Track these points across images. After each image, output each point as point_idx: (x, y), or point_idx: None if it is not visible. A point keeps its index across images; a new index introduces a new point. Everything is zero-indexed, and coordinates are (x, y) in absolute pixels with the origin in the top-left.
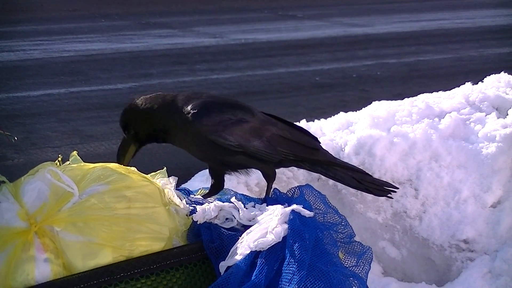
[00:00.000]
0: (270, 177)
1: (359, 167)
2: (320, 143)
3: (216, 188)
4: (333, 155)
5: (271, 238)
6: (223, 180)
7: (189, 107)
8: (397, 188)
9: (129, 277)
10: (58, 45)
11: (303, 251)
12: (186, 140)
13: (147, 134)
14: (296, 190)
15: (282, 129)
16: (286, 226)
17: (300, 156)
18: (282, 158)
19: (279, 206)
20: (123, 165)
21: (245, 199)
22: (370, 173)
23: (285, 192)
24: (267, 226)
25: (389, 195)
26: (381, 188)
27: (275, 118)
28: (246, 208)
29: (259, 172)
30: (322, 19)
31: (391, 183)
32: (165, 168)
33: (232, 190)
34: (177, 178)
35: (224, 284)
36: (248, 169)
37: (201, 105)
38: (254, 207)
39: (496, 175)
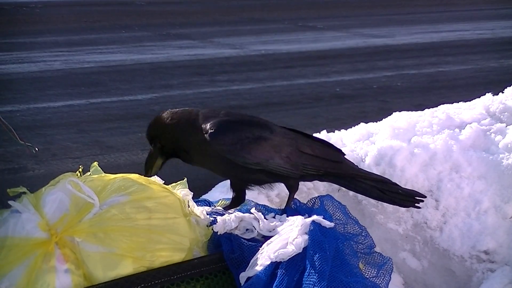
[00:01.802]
0: (292, 188)
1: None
2: (344, 154)
3: (237, 201)
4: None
5: (292, 249)
6: (244, 194)
7: (207, 126)
8: (425, 197)
9: (149, 287)
10: (78, 56)
11: (324, 262)
12: (204, 159)
13: (172, 149)
14: (316, 200)
15: (302, 144)
16: (306, 237)
17: (322, 171)
18: (303, 173)
19: (299, 217)
20: (149, 177)
21: (265, 210)
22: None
23: (305, 203)
24: (288, 237)
25: (416, 204)
26: (407, 198)
27: (295, 132)
28: (266, 219)
29: (282, 184)
30: (342, 30)
31: (417, 191)
32: (185, 178)
33: (252, 201)
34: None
35: None
36: (271, 184)
37: (218, 124)
38: (275, 217)
39: None
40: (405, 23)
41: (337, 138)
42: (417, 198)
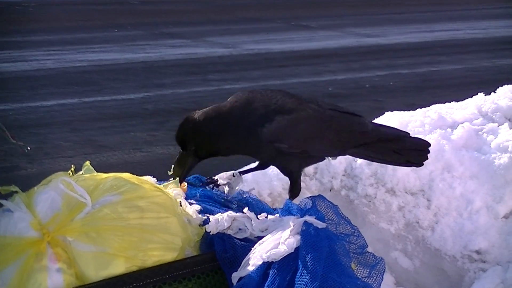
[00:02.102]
0: (294, 195)
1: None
2: (363, 118)
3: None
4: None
5: (284, 249)
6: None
7: (264, 131)
8: (429, 144)
9: (141, 287)
10: (71, 55)
11: (316, 262)
12: (249, 149)
13: (208, 151)
14: (308, 201)
15: (337, 122)
16: (298, 237)
17: (355, 144)
18: (338, 154)
19: (291, 217)
20: (181, 182)
21: (257, 205)
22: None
23: (297, 204)
24: (280, 237)
25: (427, 155)
26: (419, 154)
27: (333, 109)
28: (259, 219)
29: (272, 182)
30: (335, 29)
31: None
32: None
33: (248, 193)
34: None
35: None
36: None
37: (262, 115)
38: (267, 217)
39: (508, 186)
40: (398, 23)
41: None
42: (425, 147)
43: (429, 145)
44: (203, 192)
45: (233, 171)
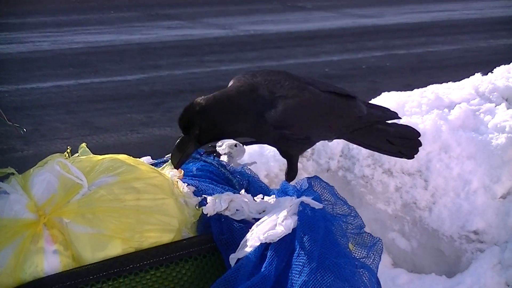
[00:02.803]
0: (290, 179)
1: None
2: (356, 100)
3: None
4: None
5: (281, 230)
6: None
7: (271, 114)
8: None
9: (138, 268)
10: (67, 36)
11: (313, 243)
12: (255, 132)
13: (213, 135)
14: (304, 181)
15: (338, 106)
16: (295, 218)
17: (352, 128)
18: (336, 137)
19: (288, 198)
20: (177, 167)
21: (257, 183)
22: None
23: (294, 184)
24: (277, 218)
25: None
26: (411, 144)
27: (333, 92)
28: (256, 201)
29: (269, 163)
30: (331, 10)
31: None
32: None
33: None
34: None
35: (233, 276)
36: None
37: (283, 113)
38: (263, 199)
39: (506, 166)
40: (394, 3)
41: None
42: (415, 137)
43: (419, 134)
44: (203, 167)
45: (235, 141)
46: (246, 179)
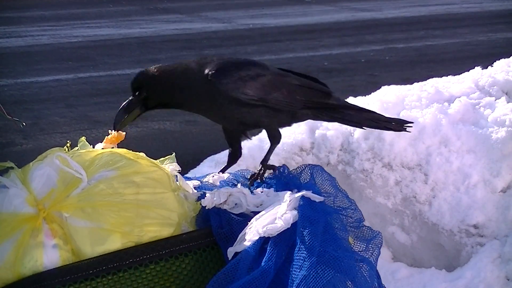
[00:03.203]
0: (275, 139)
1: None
2: (329, 89)
3: (234, 156)
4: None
5: (280, 224)
6: (241, 148)
7: (207, 70)
8: (412, 122)
9: (138, 263)
10: (66, 30)
11: (313, 237)
12: (204, 104)
13: (159, 99)
14: (305, 169)
15: (296, 79)
16: (295, 212)
17: (316, 102)
18: (302, 106)
19: (288, 192)
20: (118, 129)
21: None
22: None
23: (293, 172)
24: (276, 212)
25: (407, 129)
26: (398, 126)
27: (287, 71)
28: (254, 194)
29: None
30: (330, 4)
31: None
32: (174, 153)
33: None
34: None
35: (233, 270)
36: (267, 126)
37: (218, 65)
38: (262, 192)
39: (505, 160)
40: None
41: None
42: (405, 125)
43: (411, 123)
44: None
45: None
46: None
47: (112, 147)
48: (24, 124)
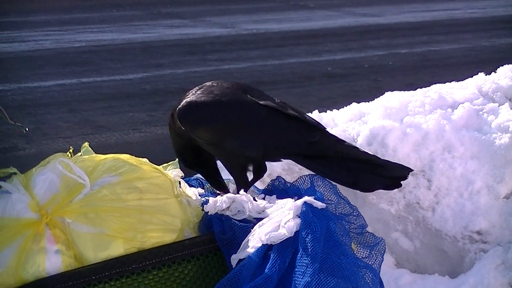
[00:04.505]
0: (238, 185)
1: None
2: (323, 130)
3: (260, 170)
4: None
5: (284, 232)
6: (265, 163)
7: (176, 112)
8: (412, 170)
9: (140, 268)
10: (69, 35)
11: (316, 243)
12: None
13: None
14: (306, 179)
15: (271, 121)
16: (298, 220)
17: (285, 151)
18: (264, 153)
19: (290, 200)
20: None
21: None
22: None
23: (293, 182)
24: (280, 220)
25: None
26: (389, 182)
27: (270, 107)
28: (256, 201)
29: (272, 163)
30: (333, 9)
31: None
32: (177, 159)
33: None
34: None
35: (236, 276)
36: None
37: (185, 103)
38: (264, 199)
39: (509, 166)
40: (397, 2)
41: (329, 118)
42: (402, 176)
43: (411, 170)
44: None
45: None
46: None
47: None
48: (27, 129)
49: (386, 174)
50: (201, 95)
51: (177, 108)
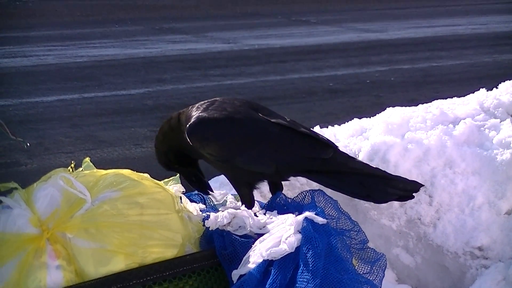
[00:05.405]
0: (243, 202)
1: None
2: (334, 147)
3: (276, 188)
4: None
5: (284, 248)
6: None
7: (187, 124)
8: (423, 185)
9: (141, 284)
10: (71, 50)
11: (317, 259)
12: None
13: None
14: (307, 194)
15: (283, 139)
16: (299, 236)
17: (298, 168)
18: (277, 169)
19: (291, 215)
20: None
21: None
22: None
23: (294, 198)
24: (281, 235)
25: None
26: (402, 193)
27: (281, 125)
28: (257, 216)
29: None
30: (335, 25)
31: (414, 182)
32: (178, 174)
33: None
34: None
35: None
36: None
37: (195, 120)
38: (265, 214)
39: (510, 182)
40: (399, 18)
41: (331, 133)
42: (412, 190)
43: (422, 185)
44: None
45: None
46: None
47: None
48: (28, 144)
49: (399, 188)
50: (213, 111)
51: (188, 124)
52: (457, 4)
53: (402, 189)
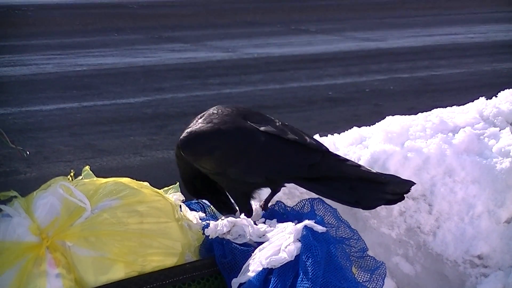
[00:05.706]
0: (240, 210)
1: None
2: (325, 151)
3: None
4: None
5: (284, 256)
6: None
7: (179, 141)
8: (414, 184)
9: None
10: (70, 59)
11: (316, 267)
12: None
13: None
14: (306, 203)
15: (272, 147)
16: (299, 244)
17: (287, 175)
18: (267, 178)
19: (290, 224)
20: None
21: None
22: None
23: (293, 206)
24: (280, 244)
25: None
26: (391, 197)
27: (270, 133)
28: (257, 225)
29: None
30: (334, 34)
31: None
32: (177, 183)
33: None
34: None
35: None
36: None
37: (186, 134)
38: (265, 223)
39: (510, 191)
40: (398, 27)
41: (330, 142)
42: (402, 192)
43: (413, 184)
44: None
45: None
46: None
47: None
48: (28, 152)
49: (389, 191)
50: (200, 124)
51: (179, 139)
52: (456, 13)
53: (392, 192)
